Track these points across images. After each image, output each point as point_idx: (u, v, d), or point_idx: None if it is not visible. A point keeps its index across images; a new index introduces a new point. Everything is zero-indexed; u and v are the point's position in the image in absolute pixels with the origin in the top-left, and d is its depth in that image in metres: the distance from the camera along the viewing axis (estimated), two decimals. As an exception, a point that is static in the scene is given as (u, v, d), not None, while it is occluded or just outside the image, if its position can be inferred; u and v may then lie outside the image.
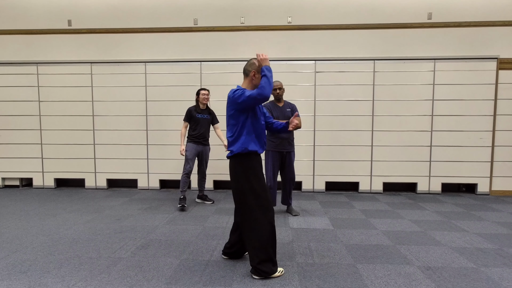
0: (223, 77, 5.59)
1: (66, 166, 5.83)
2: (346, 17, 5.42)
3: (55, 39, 5.72)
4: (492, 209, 4.59)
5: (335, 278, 2.51)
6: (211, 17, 5.55)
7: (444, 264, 2.79)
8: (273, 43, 5.50)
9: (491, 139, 5.36)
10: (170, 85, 5.64)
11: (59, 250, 3.05)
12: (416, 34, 5.37)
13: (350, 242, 3.30)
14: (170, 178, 5.76)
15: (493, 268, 2.72)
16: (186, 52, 5.62)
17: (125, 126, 5.73)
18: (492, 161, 5.39)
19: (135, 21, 5.62)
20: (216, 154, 5.62)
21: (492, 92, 5.32)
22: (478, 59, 5.31)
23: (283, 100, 4.17)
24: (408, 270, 2.66)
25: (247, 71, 2.51)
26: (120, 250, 3.06)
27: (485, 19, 5.28)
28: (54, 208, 4.53)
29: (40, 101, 5.76)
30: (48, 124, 5.78)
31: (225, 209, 4.51)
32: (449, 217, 4.20)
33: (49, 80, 5.75)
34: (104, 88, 5.71)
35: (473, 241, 3.33)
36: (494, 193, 5.44)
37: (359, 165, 5.50)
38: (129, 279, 2.49)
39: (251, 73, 2.49)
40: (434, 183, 5.49)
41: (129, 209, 4.49)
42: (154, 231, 3.60)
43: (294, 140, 4.23)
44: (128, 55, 5.67)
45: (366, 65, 5.42)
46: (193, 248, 3.11)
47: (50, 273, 2.58)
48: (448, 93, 5.36)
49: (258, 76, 2.47)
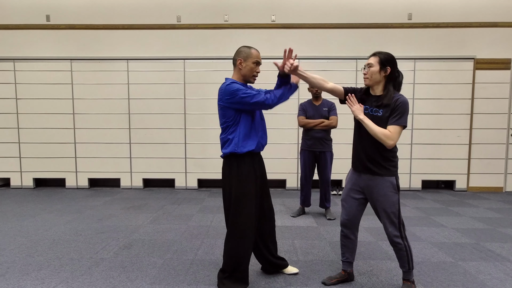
0: (207, 75, 5.55)
1: (46, 165, 5.67)
2: (329, 17, 5.48)
3: (33, 35, 5.54)
4: (469, 205, 4.75)
5: (319, 275, 2.55)
6: (194, 14, 5.51)
7: (423, 258, 2.87)
8: (256, 41, 5.49)
9: (468, 137, 5.54)
10: (153, 83, 5.57)
11: (38, 251, 2.98)
12: (396, 34, 5.48)
13: (334, 239, 3.35)
14: (154, 177, 5.70)
15: (470, 262, 2.81)
16: (169, 49, 5.55)
17: (107, 124, 5.62)
18: (469, 158, 5.57)
19: (117, 17, 5.51)
20: (200, 152, 5.59)
21: (469, 91, 5.49)
22: (455, 59, 5.46)
23: (321, 98, 4.01)
24: (390, 266, 2.73)
25: (234, 61, 2.31)
26: (102, 250, 3.01)
27: (463, 20, 5.43)
28: (33, 209, 4.41)
29: (18, 99, 5.58)
30: (26, 122, 5.61)
31: (209, 208, 4.50)
32: (429, 213, 4.32)
33: (26, 77, 5.57)
34: (85, 85, 5.58)
35: (451, 236, 3.44)
36: (471, 189, 5.62)
37: (342, 163, 5.57)
38: (112, 279, 2.46)
39: (237, 61, 2.28)
40: (414, 180, 5.62)
41: (111, 209, 4.41)
42: (137, 230, 3.56)
43: (331, 140, 4.00)
44: (109, 52, 5.55)
45: (349, 64, 5.49)
46: (177, 248, 3.09)
47: (29, 275, 2.52)
48: (427, 92, 5.50)
49: (246, 64, 2.26)
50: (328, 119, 3.90)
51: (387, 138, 2.06)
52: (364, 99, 2.24)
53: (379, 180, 2.16)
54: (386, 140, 2.06)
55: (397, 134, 2.06)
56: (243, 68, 2.28)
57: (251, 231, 2.27)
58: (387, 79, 2.16)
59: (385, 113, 2.11)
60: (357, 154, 2.26)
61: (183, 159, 5.65)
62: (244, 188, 2.25)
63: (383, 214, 2.17)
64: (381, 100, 2.13)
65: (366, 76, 2.18)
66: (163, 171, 5.68)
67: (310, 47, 5.51)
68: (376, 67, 2.13)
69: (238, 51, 2.30)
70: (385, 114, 2.11)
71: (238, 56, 2.28)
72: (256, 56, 2.28)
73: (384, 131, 2.07)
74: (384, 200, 2.15)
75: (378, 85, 2.17)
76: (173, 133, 5.62)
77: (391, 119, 2.09)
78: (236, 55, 2.30)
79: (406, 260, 2.18)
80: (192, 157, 5.64)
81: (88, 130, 5.62)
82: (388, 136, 2.06)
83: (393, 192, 2.15)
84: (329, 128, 3.91)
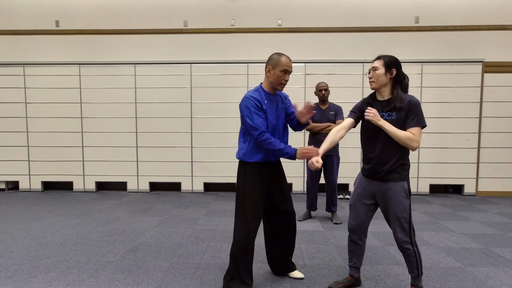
0: (213, 79, 5.58)
1: (54, 168, 5.73)
2: (335, 20, 5.48)
3: (42, 40, 5.63)
4: (478, 209, 4.68)
5: (326, 279, 2.53)
6: (201, 19, 5.55)
7: (432, 264, 2.83)
8: (263, 45, 5.51)
9: (477, 140, 5.47)
10: (160, 87, 5.61)
11: (46, 254, 3.00)
12: (403, 37, 5.45)
13: (340, 243, 3.33)
14: (160, 181, 5.72)
15: (479, 267, 2.77)
16: (176, 54, 5.60)
17: (114, 128, 5.67)
18: (478, 162, 5.50)
19: (124, 22, 5.58)
20: (206, 156, 5.60)
21: (478, 94, 5.43)
22: (464, 62, 5.42)
23: (328, 102, 4.00)
24: (397, 271, 2.70)
25: (266, 67, 2.32)
26: (109, 253, 3.03)
27: (471, 23, 5.39)
28: (41, 212, 4.45)
29: (27, 103, 5.66)
30: (35, 126, 5.69)
31: (216, 211, 4.50)
32: (437, 217, 4.26)
33: (36, 81, 5.65)
34: (93, 89, 5.64)
35: (460, 241, 3.39)
36: (480, 193, 5.55)
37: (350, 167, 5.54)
38: (118, 283, 2.46)
39: (266, 69, 2.30)
40: (422, 184, 5.57)
41: (118, 212, 4.44)
42: (143, 234, 3.57)
43: (338, 144, 3.83)
44: (117, 57, 5.61)
45: (355, 68, 5.48)
46: (183, 251, 3.09)
47: (36, 278, 2.54)
48: (435, 96, 5.45)
49: (274, 72, 2.26)
50: (335, 123, 3.88)
51: (411, 141, 2.05)
52: (372, 105, 2.22)
53: (391, 185, 2.14)
54: (410, 143, 2.06)
55: (419, 135, 2.07)
56: (271, 76, 2.29)
57: (254, 233, 2.28)
58: (393, 81, 2.15)
59: (399, 116, 2.10)
60: (367, 160, 2.24)
61: (189, 163, 5.66)
62: (247, 190, 2.29)
63: (394, 219, 2.15)
64: (392, 104, 2.12)
65: (372, 79, 2.17)
66: (170, 175, 5.69)
67: (316, 51, 5.51)
68: (382, 69, 2.12)
69: (269, 58, 2.31)
70: (400, 117, 2.10)
71: (268, 63, 2.30)
72: (284, 64, 2.25)
73: (408, 134, 2.06)
74: (395, 205, 2.13)
75: (385, 88, 2.16)
76: (180, 137, 5.64)
77: (409, 121, 2.08)
78: (267, 62, 2.32)
79: (415, 266, 2.15)
80: (198, 160, 5.65)
81: (95, 133, 5.68)
82: (412, 139, 2.05)
83: (404, 197, 2.12)
84: None
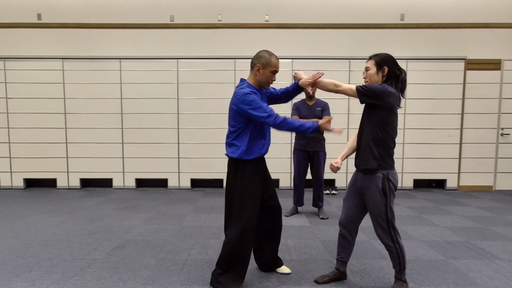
0: (201, 74, 5.54)
1: (36, 165, 5.60)
2: (322, 17, 5.50)
3: (24, 34, 5.47)
4: (460, 203, 4.81)
5: (312, 274, 2.56)
6: (188, 14, 5.49)
7: (415, 257, 2.90)
8: (250, 41, 5.50)
9: (459, 136, 5.60)
10: (146, 83, 5.53)
11: (29, 252, 2.95)
12: (389, 34, 5.52)
13: (327, 238, 3.37)
14: (147, 177, 5.66)
15: (461, 260, 2.85)
16: (162, 49, 5.53)
17: (100, 124, 5.57)
18: (460, 157, 5.63)
19: (110, 17, 5.47)
20: (193, 152, 5.57)
21: (460, 91, 5.55)
22: (447, 60, 5.52)
23: (315, 98, 3.97)
24: (381, 264, 2.75)
25: (253, 64, 2.26)
26: (94, 251, 2.99)
27: (455, 21, 5.49)
28: (24, 209, 4.35)
29: (8, 98, 5.51)
30: (17, 122, 5.54)
31: (203, 208, 4.49)
32: (421, 211, 4.36)
33: (17, 76, 5.50)
34: (77, 84, 5.52)
35: (442, 235, 3.48)
36: (461, 188, 5.69)
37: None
38: (104, 280, 2.44)
39: (255, 67, 2.24)
40: (406, 179, 5.67)
41: (104, 209, 4.38)
42: (130, 231, 3.54)
43: (325, 140, 4.02)
44: (102, 51, 5.50)
45: (342, 64, 5.52)
46: (171, 248, 3.08)
47: (19, 277, 2.49)
48: (420, 92, 5.55)
49: (263, 72, 2.23)
50: (322, 119, 3.90)
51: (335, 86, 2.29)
52: None
53: (367, 182, 2.19)
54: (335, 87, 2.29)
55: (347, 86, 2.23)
56: (259, 75, 2.25)
57: (252, 232, 2.29)
58: (387, 78, 2.20)
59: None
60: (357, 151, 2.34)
61: (176, 159, 5.62)
62: (249, 190, 2.27)
63: (372, 217, 2.22)
64: None
65: (366, 79, 2.26)
66: (156, 171, 5.65)
67: (303, 47, 5.53)
68: (373, 69, 2.21)
69: (259, 56, 2.26)
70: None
71: (257, 62, 2.24)
72: (275, 65, 2.24)
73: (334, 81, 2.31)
74: (372, 204, 2.19)
75: None
76: (166, 133, 5.59)
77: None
78: (256, 60, 2.25)
79: (397, 262, 2.20)
80: (185, 157, 5.62)
81: (80, 129, 5.57)
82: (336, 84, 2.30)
83: (379, 196, 2.14)
84: None
